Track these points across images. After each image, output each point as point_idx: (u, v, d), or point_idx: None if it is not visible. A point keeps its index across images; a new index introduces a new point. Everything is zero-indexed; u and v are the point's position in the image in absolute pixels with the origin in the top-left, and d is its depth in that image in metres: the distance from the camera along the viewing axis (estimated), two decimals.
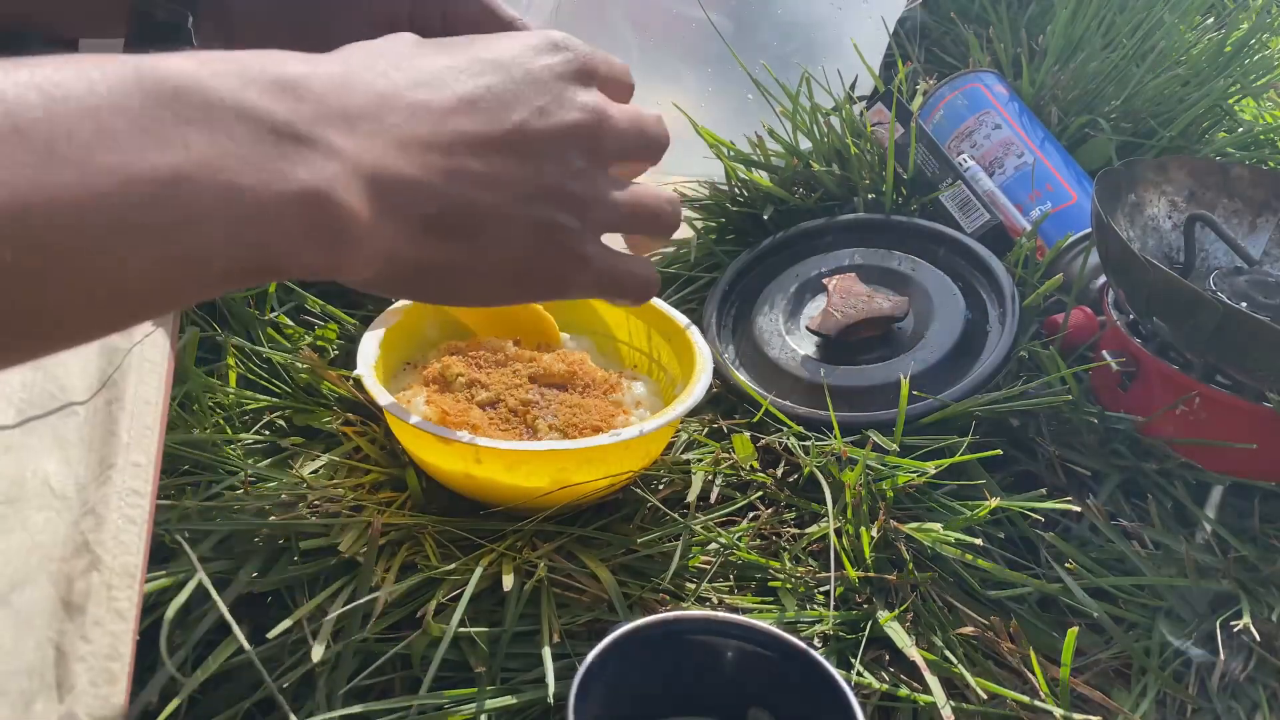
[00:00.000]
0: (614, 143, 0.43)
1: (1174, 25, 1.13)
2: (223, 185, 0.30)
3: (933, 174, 0.90)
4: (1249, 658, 0.60)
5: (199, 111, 0.30)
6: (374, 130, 0.35)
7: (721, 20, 0.96)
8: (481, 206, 0.38)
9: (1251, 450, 0.68)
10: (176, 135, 0.29)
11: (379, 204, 0.35)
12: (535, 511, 0.62)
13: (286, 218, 0.31)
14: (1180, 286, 0.66)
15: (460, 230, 0.38)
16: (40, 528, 0.44)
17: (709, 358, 0.69)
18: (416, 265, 0.38)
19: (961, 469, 0.67)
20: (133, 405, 0.50)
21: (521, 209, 0.40)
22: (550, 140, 0.40)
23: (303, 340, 0.75)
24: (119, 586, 0.43)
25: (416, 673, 0.54)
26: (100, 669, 0.41)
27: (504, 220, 0.39)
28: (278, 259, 0.32)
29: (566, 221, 0.41)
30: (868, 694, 0.56)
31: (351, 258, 0.34)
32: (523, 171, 0.40)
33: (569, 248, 0.42)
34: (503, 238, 0.40)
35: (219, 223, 0.30)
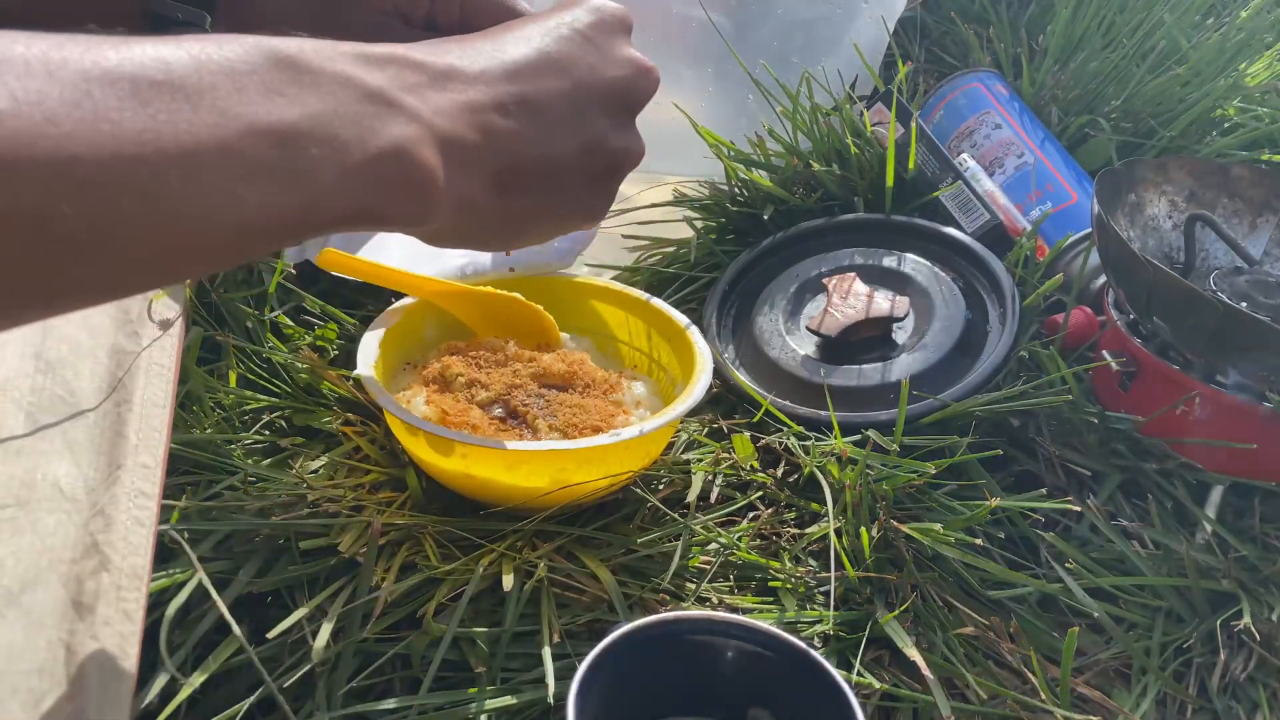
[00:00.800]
0: (646, 94, 0.47)
1: (1174, 25, 1.13)
2: (331, 138, 0.34)
3: (933, 174, 0.90)
4: (1249, 658, 0.60)
5: (309, 76, 0.35)
6: (444, 98, 0.39)
7: (721, 20, 0.96)
8: (543, 162, 0.42)
9: (1251, 450, 0.68)
10: (294, 94, 0.34)
11: (451, 163, 0.38)
12: (535, 511, 0.62)
13: (379, 169, 0.35)
14: (1180, 286, 0.66)
15: (525, 184, 0.42)
16: (51, 530, 0.44)
17: (709, 358, 0.69)
18: (487, 216, 0.42)
19: (961, 469, 0.67)
20: (141, 407, 0.50)
21: (577, 162, 0.44)
22: (600, 96, 0.44)
23: (303, 340, 0.75)
24: (128, 588, 0.44)
25: (416, 673, 0.54)
26: (110, 668, 0.41)
27: (563, 172, 0.43)
28: (370, 206, 0.36)
29: (612, 170, 0.46)
30: (868, 694, 0.56)
31: (430, 209, 0.38)
32: (577, 127, 0.43)
33: (611, 189, 0.47)
34: (562, 186, 0.44)
35: (328, 169, 0.34)
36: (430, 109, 0.38)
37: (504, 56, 0.42)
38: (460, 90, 0.40)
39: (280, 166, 0.33)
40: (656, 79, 0.47)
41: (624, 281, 0.83)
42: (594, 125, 0.44)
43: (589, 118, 0.44)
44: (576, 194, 0.45)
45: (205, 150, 0.31)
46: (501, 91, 0.41)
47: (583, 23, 0.45)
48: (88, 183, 0.29)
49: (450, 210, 0.39)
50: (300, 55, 0.35)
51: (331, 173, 0.34)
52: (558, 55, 0.43)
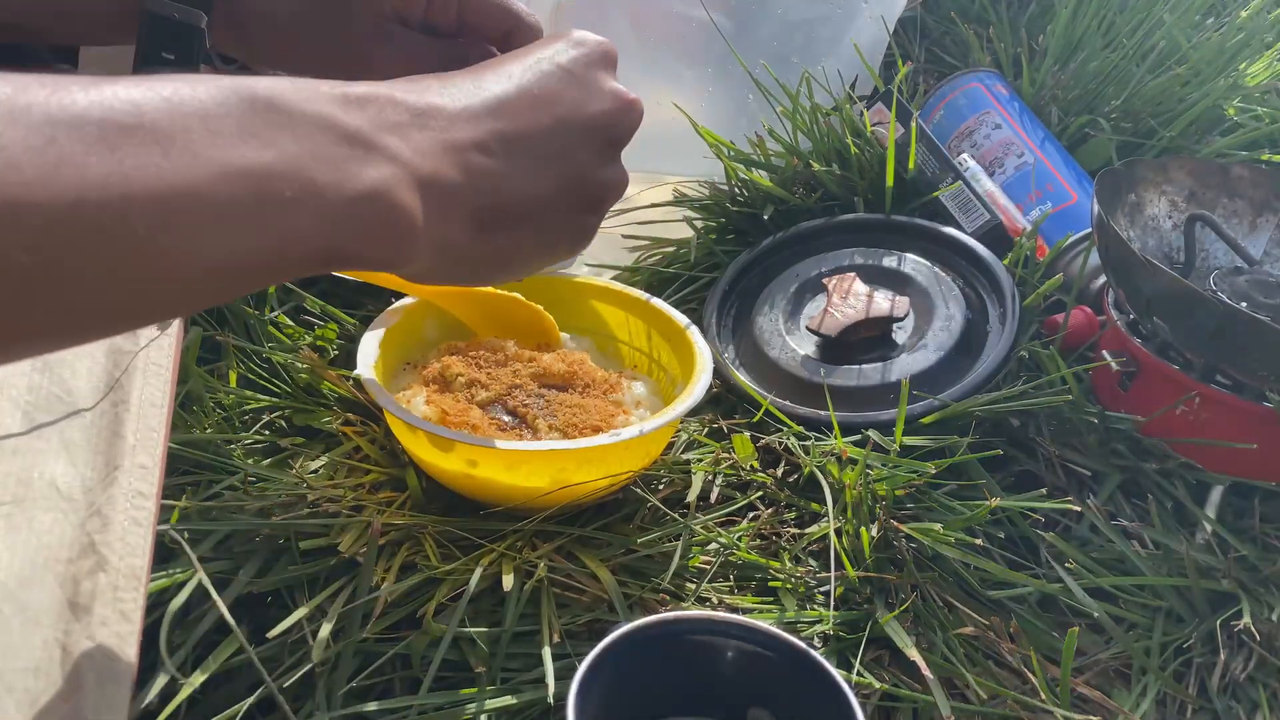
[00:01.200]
0: (629, 127, 0.47)
1: (1174, 25, 1.13)
2: (306, 181, 0.34)
3: (933, 174, 0.90)
4: (1249, 658, 0.60)
5: (286, 118, 0.35)
6: (425, 136, 0.39)
7: (721, 20, 0.96)
8: (526, 200, 0.42)
9: (1251, 450, 0.68)
10: (270, 136, 0.34)
11: (431, 204, 0.38)
12: (535, 511, 0.62)
13: (355, 213, 0.35)
14: (1180, 286, 0.66)
15: (506, 222, 0.42)
16: (47, 528, 0.44)
17: (709, 358, 0.69)
18: (468, 255, 0.42)
19: (961, 469, 0.67)
20: (138, 407, 0.50)
21: (560, 198, 0.44)
22: (583, 131, 0.44)
23: (303, 340, 0.75)
24: (125, 588, 0.44)
25: (416, 673, 0.54)
26: (106, 669, 0.41)
27: (545, 209, 0.43)
28: (346, 249, 0.36)
29: (595, 203, 0.46)
30: (868, 694, 0.56)
31: (408, 251, 0.38)
32: (560, 164, 0.43)
33: (594, 222, 0.47)
34: (544, 222, 0.44)
35: (302, 213, 0.34)
36: (411, 149, 0.38)
37: (485, 93, 0.42)
38: (441, 128, 0.39)
39: (253, 211, 0.33)
40: (640, 112, 0.47)
41: (624, 281, 0.83)
42: (577, 160, 0.44)
43: (572, 153, 0.44)
44: (559, 228, 0.45)
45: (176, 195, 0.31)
46: (483, 129, 0.41)
47: (565, 57, 0.45)
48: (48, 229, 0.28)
49: (429, 251, 0.39)
50: (278, 97, 0.35)
51: (306, 217, 0.34)
52: (540, 91, 0.43)
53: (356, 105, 0.37)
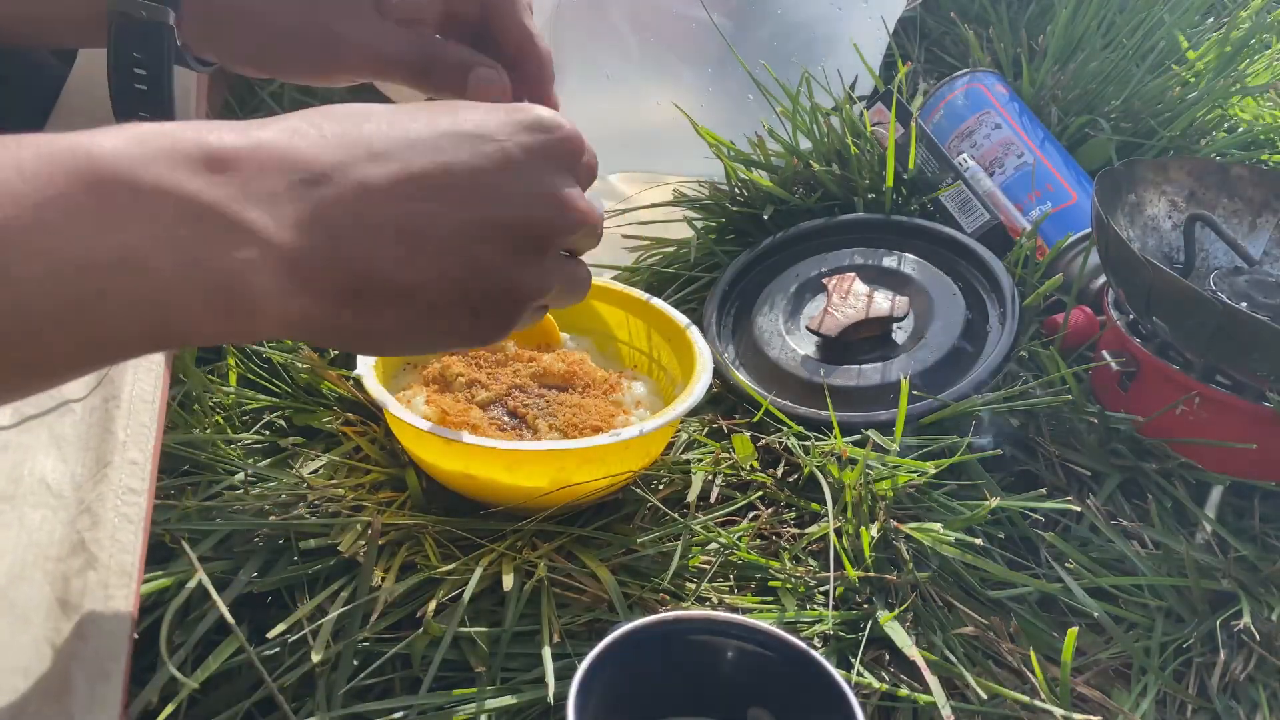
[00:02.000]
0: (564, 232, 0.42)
1: (1174, 25, 1.13)
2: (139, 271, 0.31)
3: (933, 174, 0.90)
4: (1249, 658, 0.60)
5: (123, 198, 0.31)
6: (295, 208, 0.35)
7: (721, 20, 0.96)
8: (402, 285, 0.38)
9: (1251, 450, 0.68)
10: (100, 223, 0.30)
11: (292, 280, 0.35)
12: (535, 511, 0.62)
13: (197, 297, 0.32)
14: (1180, 286, 0.66)
15: (375, 303, 0.37)
16: (37, 525, 0.44)
17: (709, 358, 0.69)
18: (327, 329, 0.38)
19: (961, 469, 0.67)
20: (129, 403, 0.50)
21: (450, 290, 0.39)
22: (501, 231, 0.39)
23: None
24: (115, 585, 0.43)
25: (416, 673, 0.54)
26: (96, 668, 0.41)
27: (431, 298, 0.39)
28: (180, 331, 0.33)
29: (495, 306, 0.41)
30: (868, 694, 0.56)
31: (258, 330, 0.35)
32: (457, 258, 0.38)
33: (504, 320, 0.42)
34: (430, 312, 0.39)
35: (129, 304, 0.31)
36: (277, 223, 0.34)
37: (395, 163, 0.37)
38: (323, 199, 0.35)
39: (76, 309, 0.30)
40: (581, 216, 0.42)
41: (624, 281, 0.83)
42: (482, 258, 0.39)
43: (477, 250, 0.39)
44: (452, 321, 0.40)
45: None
46: (376, 207, 0.36)
47: (518, 143, 0.40)
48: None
49: (278, 325, 0.36)
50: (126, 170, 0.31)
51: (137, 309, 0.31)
52: (465, 175, 0.38)
53: (220, 171, 0.33)
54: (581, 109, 0.98)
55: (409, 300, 0.38)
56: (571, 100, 0.98)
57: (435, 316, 0.39)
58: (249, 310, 0.34)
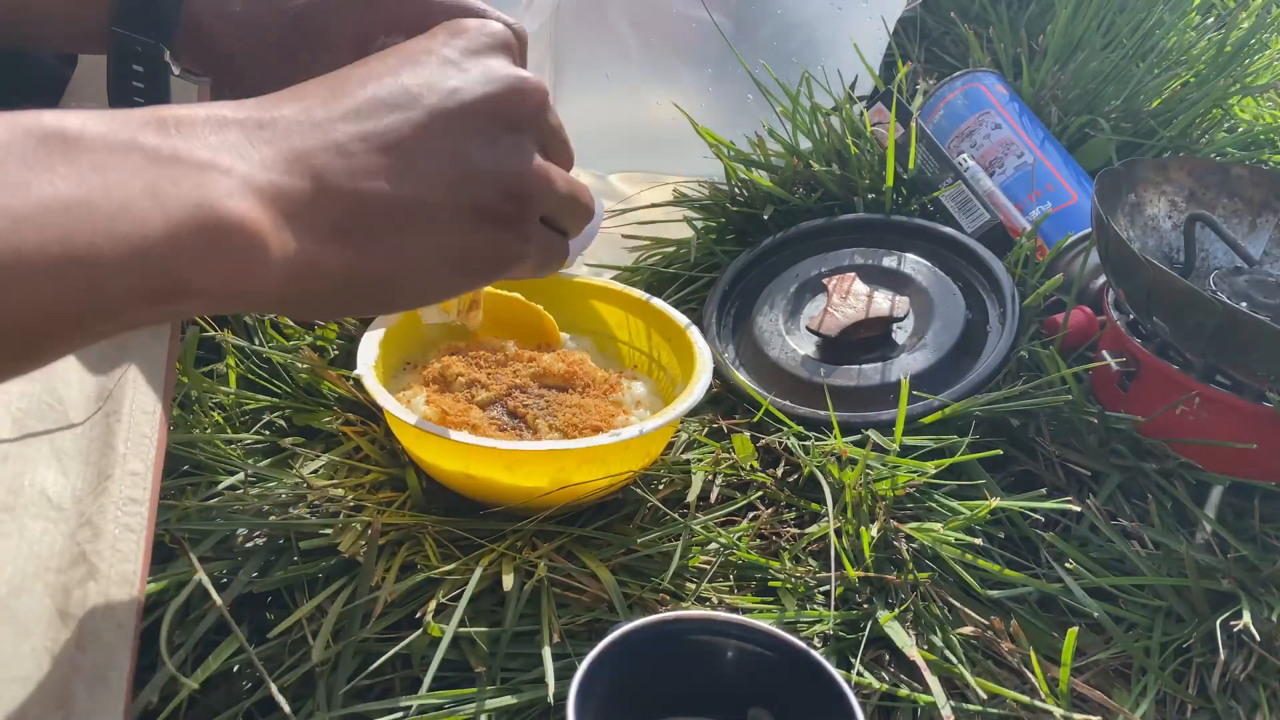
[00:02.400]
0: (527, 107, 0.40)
1: (1174, 25, 1.13)
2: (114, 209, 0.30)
3: (933, 174, 0.90)
4: (1249, 658, 0.60)
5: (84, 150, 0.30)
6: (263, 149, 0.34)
7: (721, 20, 0.96)
8: (402, 202, 0.37)
9: (1251, 450, 0.68)
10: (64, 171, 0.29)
11: (278, 216, 0.34)
12: (535, 511, 0.62)
13: (182, 233, 0.31)
14: (1180, 286, 0.66)
15: (382, 232, 0.37)
16: (37, 537, 0.44)
17: (709, 358, 0.69)
18: (340, 276, 0.36)
19: (961, 469, 0.67)
20: (130, 417, 0.50)
21: (451, 198, 0.38)
22: (465, 119, 0.38)
23: (303, 340, 0.75)
24: (117, 595, 0.43)
25: (416, 673, 0.54)
26: (97, 678, 0.41)
27: (433, 214, 0.38)
28: (183, 276, 0.31)
29: (506, 201, 0.39)
30: (868, 694, 0.56)
31: (259, 273, 0.33)
32: (441, 159, 0.38)
33: (519, 224, 0.40)
34: (433, 227, 0.38)
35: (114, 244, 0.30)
36: (245, 163, 0.33)
37: (345, 97, 0.37)
38: (284, 138, 0.35)
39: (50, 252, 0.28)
40: (537, 89, 0.41)
41: (624, 281, 0.83)
42: (463, 153, 0.38)
43: (453, 144, 0.38)
44: (462, 237, 0.39)
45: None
46: (338, 132, 0.36)
47: (443, 45, 0.40)
48: None
49: (285, 275, 0.34)
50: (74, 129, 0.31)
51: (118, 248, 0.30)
52: (409, 84, 0.38)
53: (174, 128, 0.33)
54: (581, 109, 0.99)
55: (408, 220, 0.37)
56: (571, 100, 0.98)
57: (440, 235, 0.38)
58: (245, 246, 0.32)
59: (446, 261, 0.39)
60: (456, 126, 0.38)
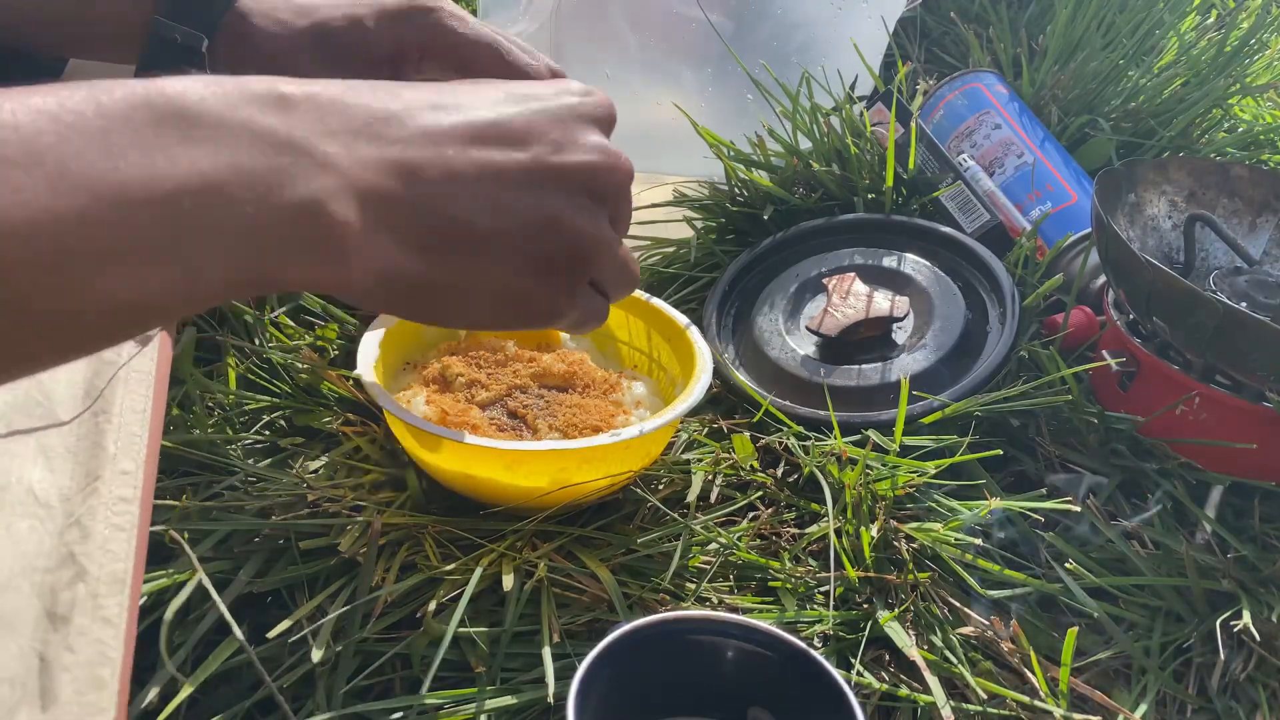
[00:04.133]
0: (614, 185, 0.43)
1: (1174, 25, 1.13)
2: (222, 201, 0.31)
3: (933, 174, 0.90)
4: (1249, 658, 0.60)
5: (202, 130, 0.31)
6: (371, 148, 0.35)
7: (721, 20, 0.96)
8: (481, 229, 0.38)
9: (1251, 450, 0.68)
10: (181, 154, 0.30)
11: (373, 219, 0.35)
12: (535, 511, 0.62)
13: (280, 229, 0.32)
14: (1180, 286, 0.66)
15: (458, 248, 0.38)
16: (24, 536, 0.44)
17: (709, 358, 0.69)
18: (414, 282, 0.38)
19: (961, 469, 0.67)
20: (120, 416, 0.50)
21: (521, 237, 0.39)
22: (558, 176, 0.40)
23: (303, 340, 0.75)
24: (106, 595, 0.43)
25: (416, 673, 0.54)
26: (86, 677, 0.41)
27: (507, 245, 0.39)
28: (272, 270, 0.32)
29: (573, 256, 0.41)
30: (868, 694, 0.56)
31: (345, 271, 0.35)
32: (528, 200, 0.39)
33: (575, 284, 0.42)
34: (502, 262, 0.39)
35: (217, 236, 0.30)
36: (352, 158, 0.34)
37: (458, 114, 0.38)
38: (395, 142, 0.36)
39: (156, 238, 0.29)
40: (627, 169, 0.43)
41: None
42: (547, 204, 0.40)
43: (541, 195, 0.40)
44: (523, 279, 0.40)
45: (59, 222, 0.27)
46: (448, 151, 0.37)
47: (556, 104, 0.42)
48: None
49: (370, 274, 0.36)
50: (193, 103, 0.31)
51: (223, 240, 0.31)
52: (519, 125, 0.40)
53: (293, 108, 0.33)
54: None
55: (486, 252, 0.39)
56: None
57: (507, 274, 0.40)
58: (337, 248, 0.34)
59: (505, 300, 0.41)
60: (554, 181, 0.40)
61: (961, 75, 1.00)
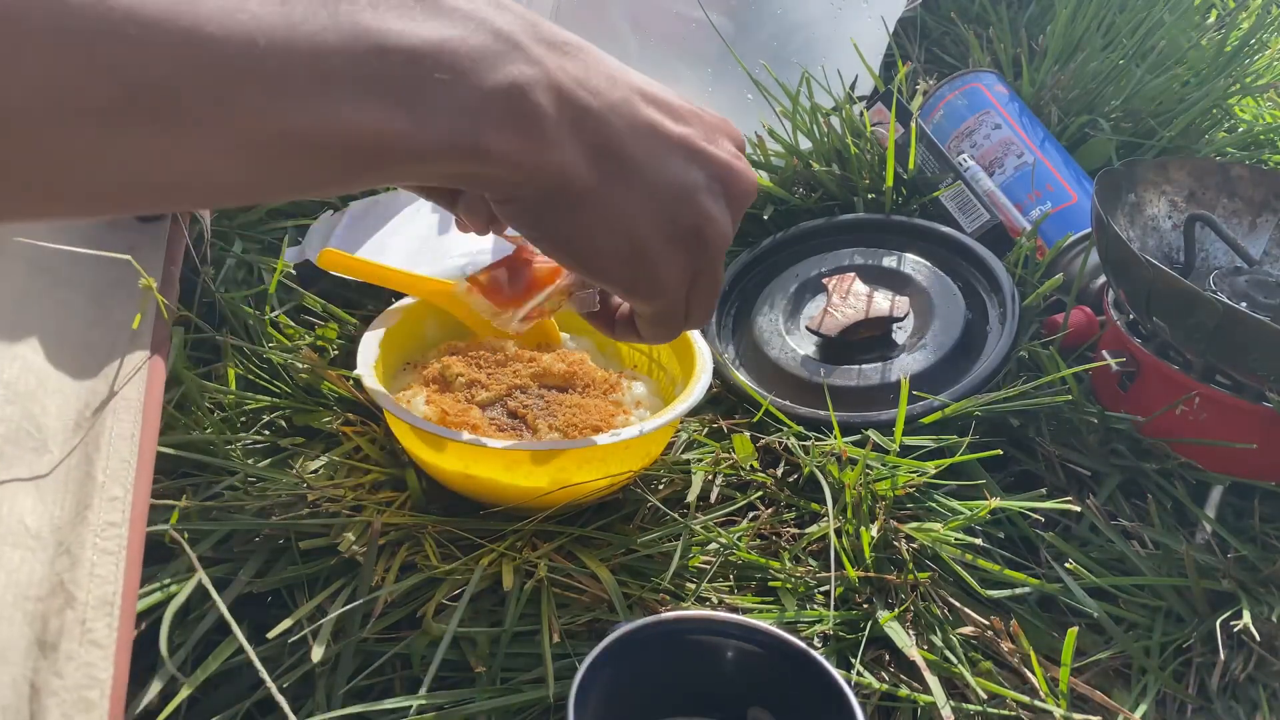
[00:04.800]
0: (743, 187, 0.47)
1: (1174, 25, 1.13)
2: (452, 64, 0.36)
3: (933, 174, 0.90)
4: (1249, 658, 0.60)
5: (445, 10, 0.37)
6: (570, 64, 0.40)
7: (721, 20, 0.96)
8: (642, 169, 0.43)
9: (1251, 450, 0.68)
10: (425, 20, 0.36)
11: (566, 118, 0.40)
12: (535, 511, 0.62)
13: (494, 101, 0.37)
14: (1180, 286, 0.66)
15: (622, 178, 0.42)
16: (16, 566, 0.44)
17: (709, 358, 0.69)
18: (580, 191, 0.42)
19: (961, 469, 0.67)
20: (109, 444, 0.51)
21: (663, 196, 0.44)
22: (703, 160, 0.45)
23: (303, 340, 0.75)
24: (94, 619, 0.44)
25: (416, 673, 0.54)
26: (74, 700, 0.41)
27: (654, 195, 0.44)
28: (481, 140, 0.37)
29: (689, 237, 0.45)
30: (868, 694, 0.56)
31: (539, 155, 0.39)
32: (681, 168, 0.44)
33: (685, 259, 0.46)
34: (647, 210, 0.44)
35: (445, 92, 0.36)
36: (555, 64, 0.39)
37: (637, 77, 0.44)
38: (587, 66, 0.41)
39: (398, 85, 0.34)
40: (754, 184, 0.48)
41: None
42: (692, 176, 0.45)
43: (689, 167, 0.45)
44: (652, 230, 0.44)
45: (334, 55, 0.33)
46: (625, 92, 0.42)
47: (710, 115, 0.47)
48: (214, 66, 0.30)
49: (554, 165, 0.40)
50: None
51: (447, 98, 0.36)
52: (683, 109, 0.45)
53: (514, 15, 0.39)
54: None
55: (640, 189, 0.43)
56: None
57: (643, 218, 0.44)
58: (536, 130, 0.38)
59: (633, 248, 0.45)
60: (700, 160, 0.45)
61: (961, 75, 1.00)
